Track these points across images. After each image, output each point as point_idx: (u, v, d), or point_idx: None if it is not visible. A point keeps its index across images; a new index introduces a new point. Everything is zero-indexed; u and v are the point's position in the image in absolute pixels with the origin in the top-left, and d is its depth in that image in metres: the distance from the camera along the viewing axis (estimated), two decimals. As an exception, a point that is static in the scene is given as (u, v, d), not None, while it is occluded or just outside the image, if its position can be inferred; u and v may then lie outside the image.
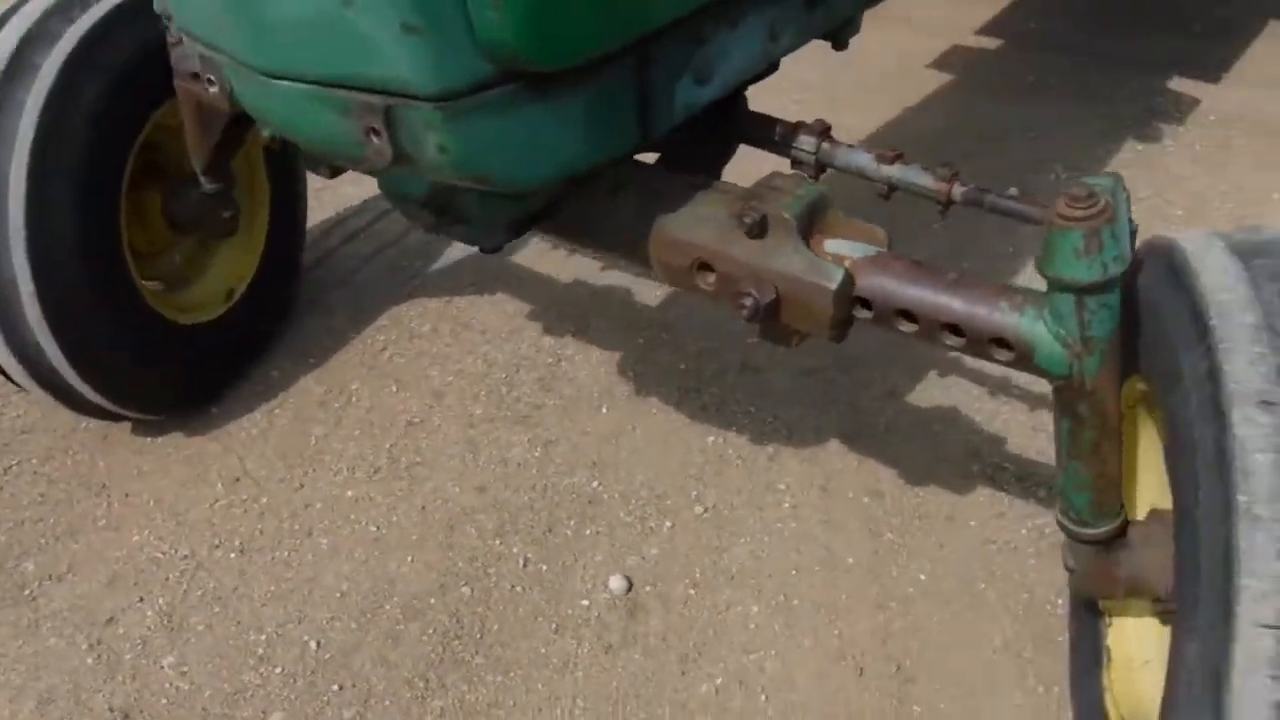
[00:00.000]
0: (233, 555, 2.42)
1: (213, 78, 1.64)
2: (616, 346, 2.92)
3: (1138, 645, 1.76)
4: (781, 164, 2.09)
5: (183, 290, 2.73)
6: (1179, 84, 4.30)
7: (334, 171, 2.30)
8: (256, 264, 2.84)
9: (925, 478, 2.58)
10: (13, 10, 2.37)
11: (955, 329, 1.63)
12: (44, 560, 2.43)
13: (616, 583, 2.32)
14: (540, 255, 3.27)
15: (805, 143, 1.89)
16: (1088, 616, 1.84)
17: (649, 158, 2.15)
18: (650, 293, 3.11)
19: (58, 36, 2.30)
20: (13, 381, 2.52)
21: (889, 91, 4.29)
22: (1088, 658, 1.84)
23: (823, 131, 1.90)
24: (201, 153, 2.46)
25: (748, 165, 2.23)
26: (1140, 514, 1.74)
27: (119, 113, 2.38)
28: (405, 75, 1.39)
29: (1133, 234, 1.59)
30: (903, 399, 2.81)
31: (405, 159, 1.49)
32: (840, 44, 2.22)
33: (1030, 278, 1.97)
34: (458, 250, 3.30)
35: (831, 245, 1.73)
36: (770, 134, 1.94)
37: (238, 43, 1.52)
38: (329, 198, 3.51)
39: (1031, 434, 2.62)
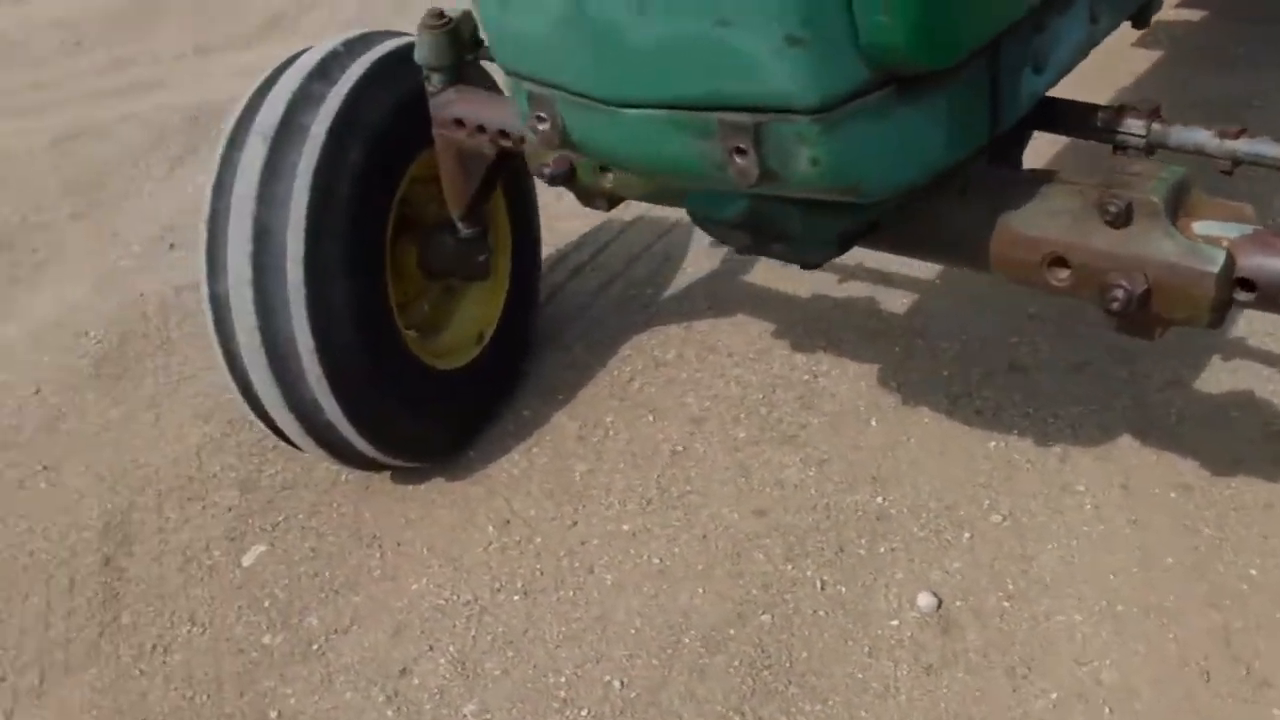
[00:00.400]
0: (516, 598, 2.38)
1: (543, 115, 1.61)
2: (871, 358, 2.81)
3: None
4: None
5: (436, 337, 2.73)
6: None
7: (612, 204, 2.26)
8: (502, 305, 2.83)
9: (1233, 467, 2.39)
10: (274, 77, 2.41)
11: None
12: (327, 614, 2.43)
13: (925, 600, 2.20)
14: (770, 272, 3.18)
15: (1133, 126, 1.78)
16: None
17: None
18: (895, 300, 2.99)
19: (322, 98, 2.32)
20: (285, 440, 2.55)
21: (1099, 72, 4.08)
22: None
23: (1152, 112, 1.77)
24: (461, 199, 2.46)
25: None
26: None
27: (382, 169, 2.40)
28: (783, 89, 1.34)
29: None
30: (1189, 387, 2.62)
31: (771, 177, 1.44)
32: (1143, 22, 2.12)
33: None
34: (686, 275, 3.24)
35: (1201, 227, 1.63)
36: (1091, 120, 1.82)
37: (582, 74, 1.49)
38: (548, 234, 3.49)
39: (1347, 411, 2.41)
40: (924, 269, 3.03)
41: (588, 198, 2.24)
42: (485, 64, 2.44)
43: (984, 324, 2.84)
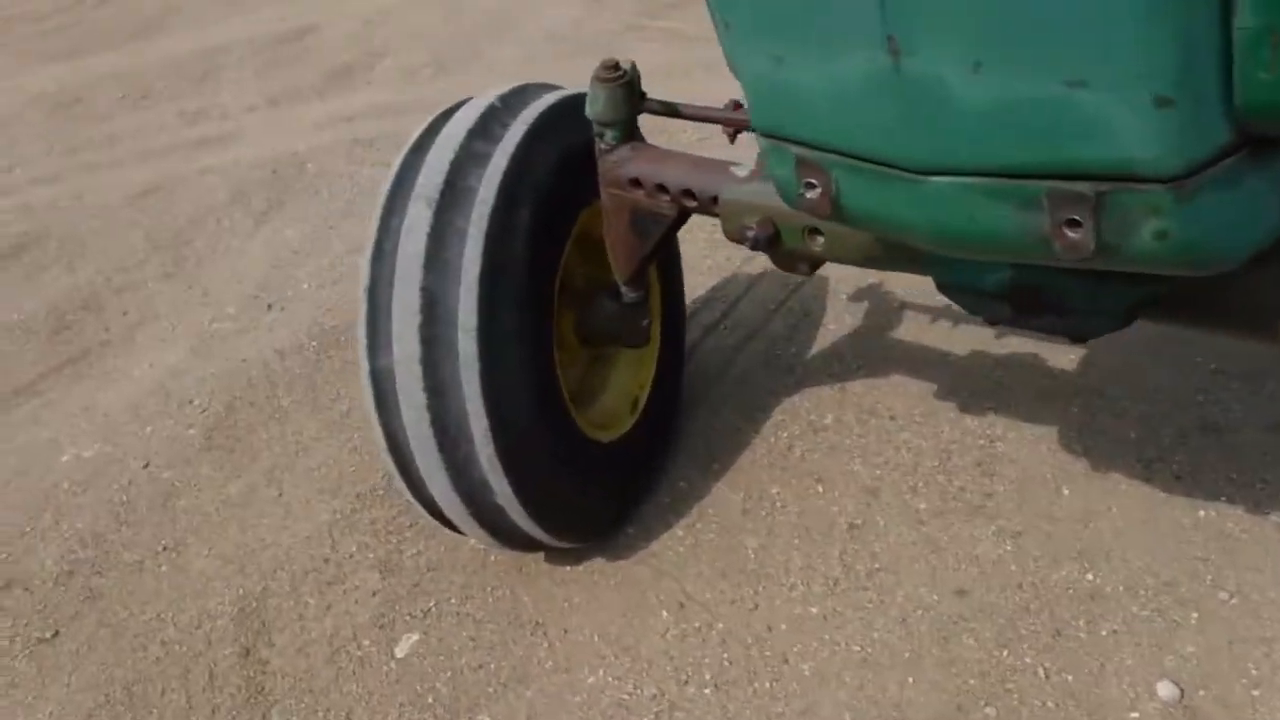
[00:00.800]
0: (707, 691, 2.21)
1: (813, 181, 1.47)
2: (1049, 420, 2.65)
3: None
4: None
5: (591, 407, 2.58)
6: None
7: (813, 268, 2.12)
8: (654, 369, 2.69)
9: None
10: (428, 136, 2.27)
11: None
12: (499, 711, 2.27)
13: (1166, 690, 2.03)
14: (920, 329, 3.04)
15: None
16: None
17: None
18: (1061, 355, 2.83)
19: (486, 158, 2.19)
20: (445, 522, 2.39)
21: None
22: None
23: None
24: (630, 262, 2.33)
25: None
26: None
27: (549, 232, 2.25)
28: (1140, 155, 1.20)
29: None
30: (1400, 445, 2.46)
31: (1108, 251, 1.29)
32: None
33: None
34: (829, 333, 3.09)
35: None
36: None
37: (884, 139, 1.34)
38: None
39: None
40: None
41: (788, 262, 2.10)
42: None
43: (1166, 380, 2.68)
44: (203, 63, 6.07)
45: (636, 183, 2.19)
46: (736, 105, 2.26)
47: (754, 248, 2.01)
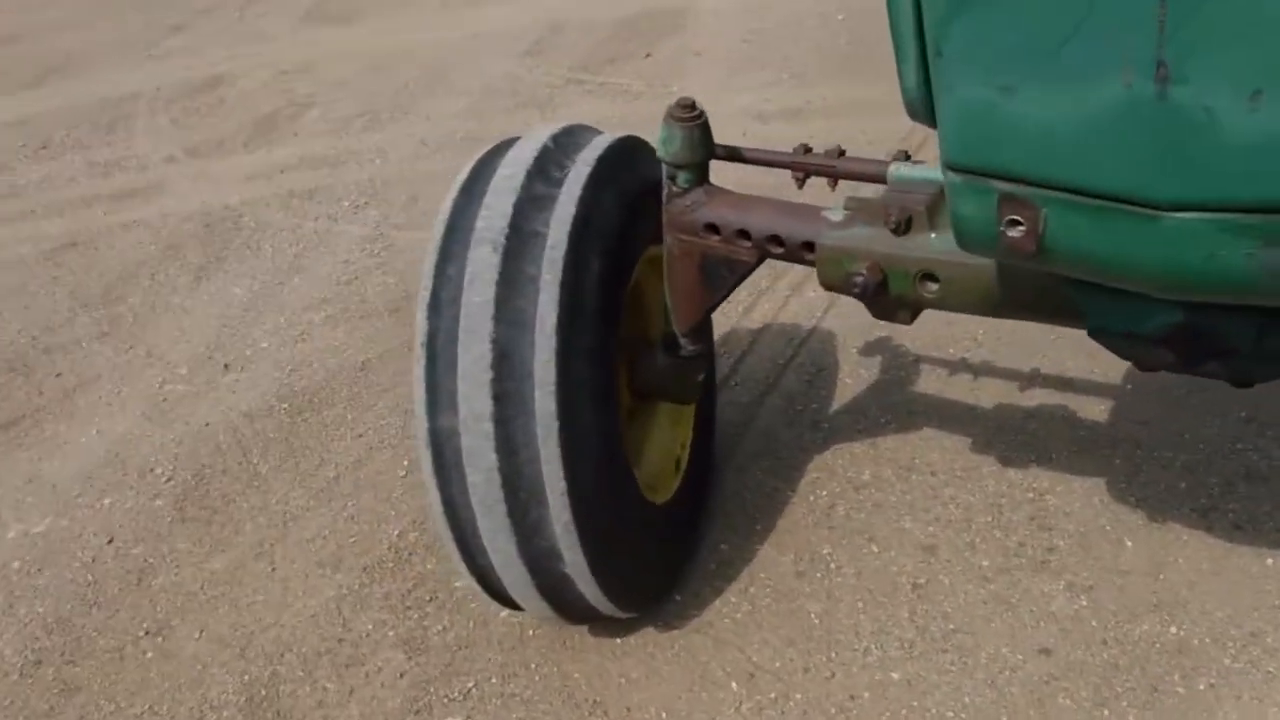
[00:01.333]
0: (798, 766, 2.08)
1: (1019, 219, 1.39)
2: (1093, 471, 2.63)
3: None
4: None
5: (640, 466, 2.43)
6: None
7: (914, 314, 2.05)
8: (693, 427, 2.56)
9: None
10: (477, 179, 2.12)
11: None
12: (566, 799, 2.09)
13: (1278, 744, 1.99)
14: (941, 382, 3.00)
15: None
16: None
17: None
18: (1091, 406, 2.83)
19: (551, 201, 2.05)
20: (499, 597, 2.22)
21: None
22: None
23: None
24: (695, 312, 2.22)
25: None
26: None
27: (615, 280, 2.13)
28: None
29: None
30: None
31: None
32: None
33: None
34: (847, 387, 3.03)
35: None
36: None
37: (1128, 172, 1.27)
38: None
39: None
40: (1110, 370, 2.89)
41: (887, 310, 2.01)
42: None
43: (1201, 429, 2.70)
44: (109, 111, 5.71)
45: (713, 228, 2.09)
46: (806, 149, 2.19)
47: (860, 295, 1.92)
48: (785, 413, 2.97)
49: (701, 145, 2.09)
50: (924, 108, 1.45)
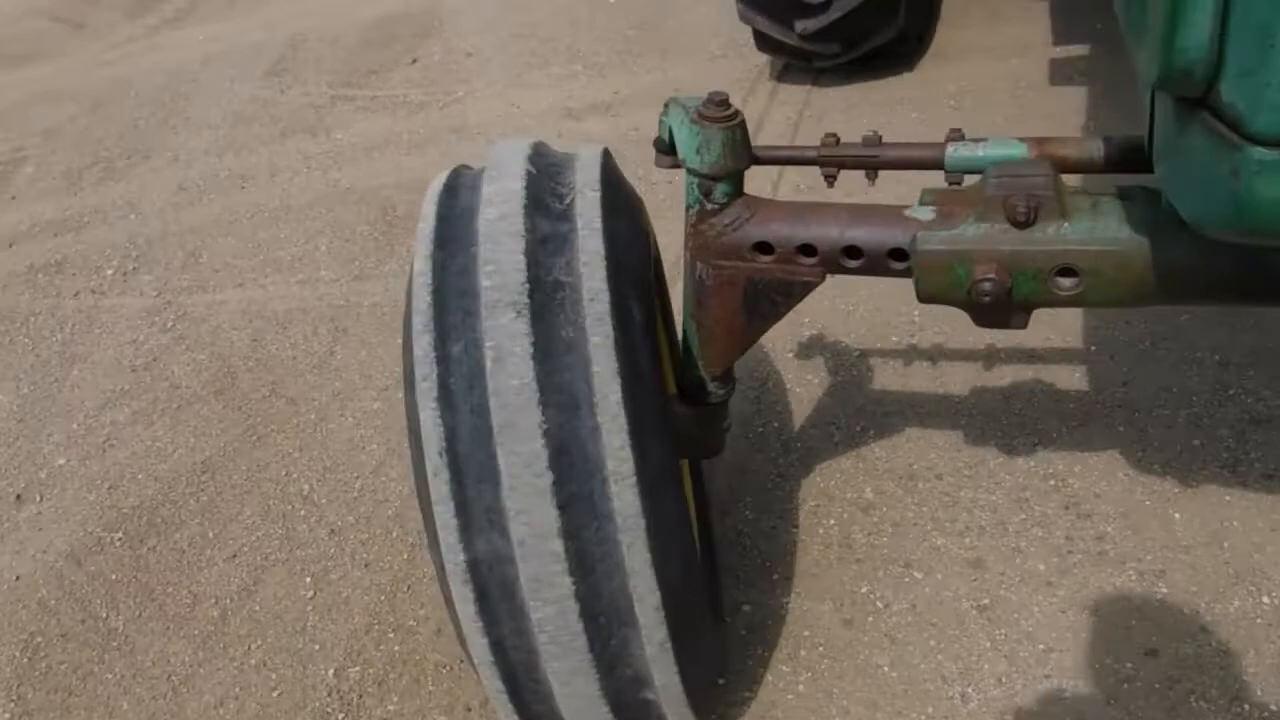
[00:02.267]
0: None
1: None
2: (1103, 444, 2.43)
3: None
4: None
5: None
6: None
7: (1028, 317, 1.73)
8: (693, 482, 2.17)
9: None
10: (453, 221, 1.64)
11: None
12: None
13: None
14: (900, 375, 2.74)
15: None
16: None
17: None
18: (1066, 378, 2.65)
19: (564, 239, 1.60)
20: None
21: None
22: None
23: None
24: (733, 350, 1.86)
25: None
26: None
27: (649, 325, 1.69)
28: None
29: None
30: None
31: None
32: None
33: None
34: (799, 398, 2.71)
35: None
36: None
37: None
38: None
39: None
40: (1065, 334, 2.73)
41: (1003, 316, 1.68)
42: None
43: (1183, 381, 2.56)
44: None
45: (764, 247, 1.71)
46: (834, 139, 1.85)
47: (989, 303, 1.59)
48: (746, 439, 2.62)
49: (745, 149, 1.70)
50: (1203, 73, 1.14)
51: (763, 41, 3.98)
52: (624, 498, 1.51)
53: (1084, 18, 4.19)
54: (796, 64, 4.08)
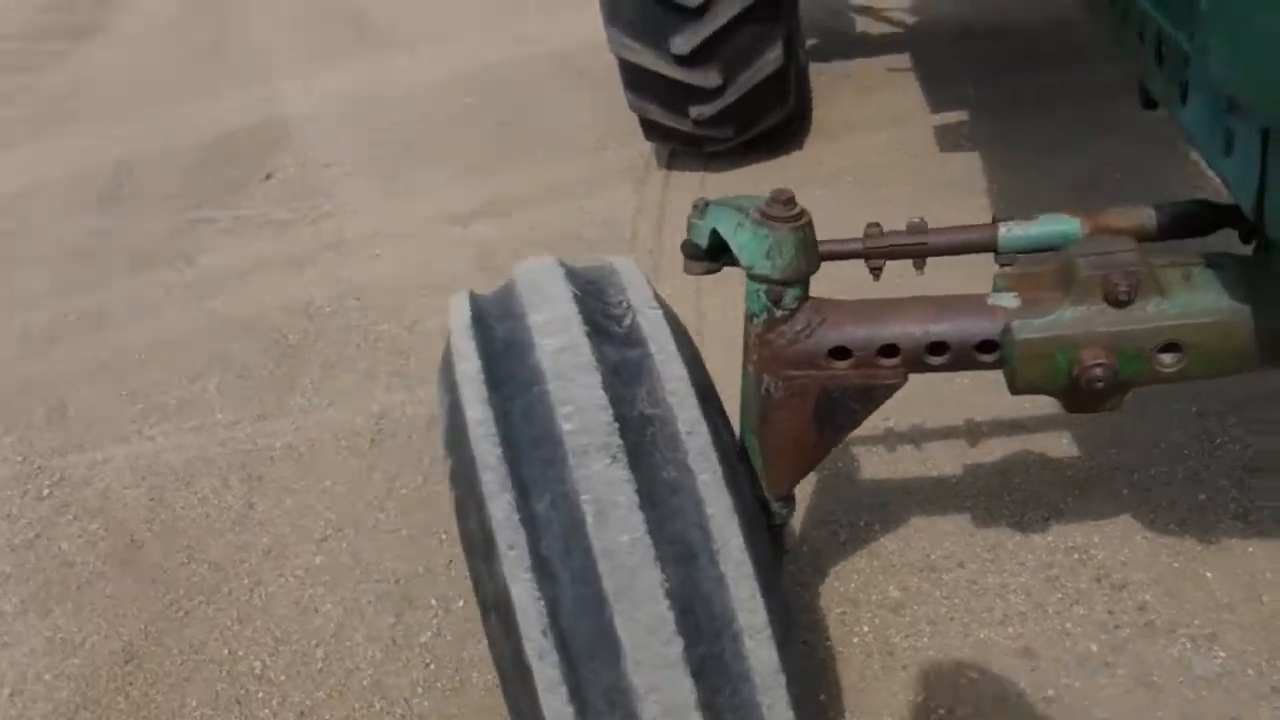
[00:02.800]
0: None
1: None
2: (1113, 509, 2.39)
3: None
4: None
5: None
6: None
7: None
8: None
9: None
10: (504, 358, 1.44)
11: None
12: None
13: None
14: (885, 462, 2.64)
15: None
16: None
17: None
18: (1052, 444, 2.60)
19: (641, 368, 1.43)
20: None
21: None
22: None
23: None
24: (802, 467, 1.70)
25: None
26: None
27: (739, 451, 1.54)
28: None
29: None
30: None
31: None
32: None
33: None
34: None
35: None
36: None
37: None
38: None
39: None
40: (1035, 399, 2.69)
41: (1100, 399, 1.58)
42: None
43: (1170, 435, 2.55)
44: None
45: (841, 352, 1.57)
46: (878, 228, 1.74)
47: (1100, 391, 1.50)
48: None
49: (815, 250, 1.56)
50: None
51: (651, 129, 3.90)
52: (759, 654, 1.34)
53: (953, 84, 4.30)
54: (685, 150, 4.02)
